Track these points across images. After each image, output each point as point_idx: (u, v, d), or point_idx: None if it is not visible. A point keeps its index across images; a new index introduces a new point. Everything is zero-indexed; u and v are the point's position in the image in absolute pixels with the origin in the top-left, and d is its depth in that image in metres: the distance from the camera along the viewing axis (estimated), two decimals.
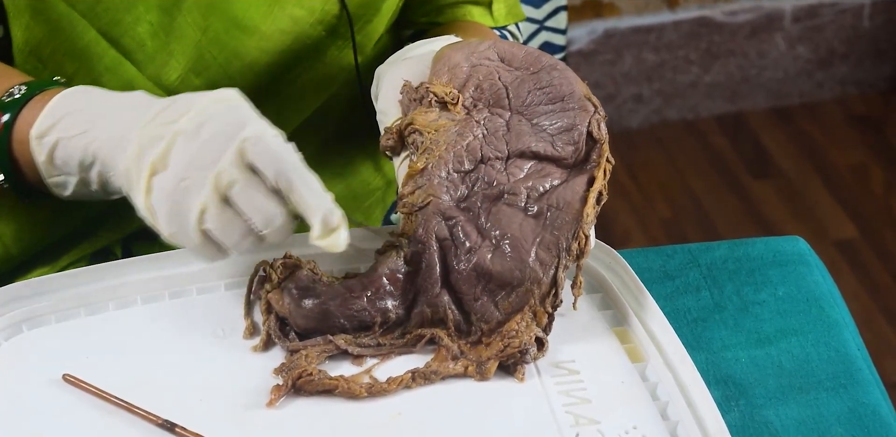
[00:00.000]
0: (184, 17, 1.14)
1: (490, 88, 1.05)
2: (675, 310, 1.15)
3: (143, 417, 0.97)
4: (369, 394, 0.99)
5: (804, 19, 2.63)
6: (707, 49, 2.62)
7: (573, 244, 1.02)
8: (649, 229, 2.45)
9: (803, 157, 2.59)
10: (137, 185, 0.98)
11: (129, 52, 1.15)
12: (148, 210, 0.98)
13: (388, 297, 1.02)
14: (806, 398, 1.07)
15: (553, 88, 1.05)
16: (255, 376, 1.00)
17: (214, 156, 0.96)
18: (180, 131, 0.97)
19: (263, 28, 1.16)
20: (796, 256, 1.21)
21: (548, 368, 1.01)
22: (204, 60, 1.16)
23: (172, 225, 0.97)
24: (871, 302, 2.30)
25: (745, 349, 1.12)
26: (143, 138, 0.98)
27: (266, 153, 0.96)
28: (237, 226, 0.96)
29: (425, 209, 1.03)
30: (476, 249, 1.02)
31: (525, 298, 1.01)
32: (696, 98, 2.67)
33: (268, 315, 1.03)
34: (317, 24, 1.18)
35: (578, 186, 1.03)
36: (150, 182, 0.97)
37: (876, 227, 2.44)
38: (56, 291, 1.06)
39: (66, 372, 1.00)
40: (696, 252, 1.21)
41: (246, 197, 0.96)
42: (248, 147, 0.96)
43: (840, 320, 1.16)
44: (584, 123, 1.04)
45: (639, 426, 0.97)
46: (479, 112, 1.05)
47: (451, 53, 1.07)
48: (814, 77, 2.70)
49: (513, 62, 1.06)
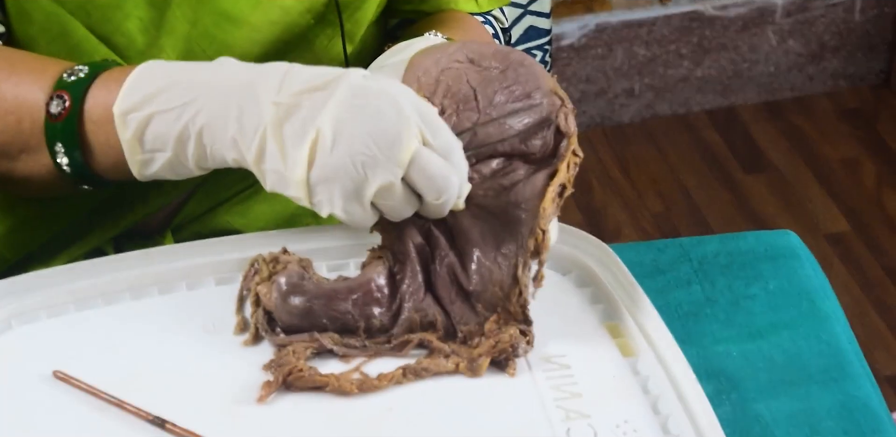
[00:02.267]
0: (173, 11, 1.14)
1: (459, 92, 1.05)
2: (666, 304, 1.15)
3: (134, 413, 0.97)
4: (360, 391, 0.99)
5: (795, 13, 2.63)
6: (698, 43, 2.62)
7: (530, 241, 1.01)
8: (641, 224, 2.45)
9: (795, 151, 2.59)
10: (295, 157, 0.96)
11: (120, 49, 1.14)
12: (301, 184, 0.97)
13: (374, 304, 1.02)
14: (797, 392, 1.08)
15: (519, 86, 1.04)
16: (246, 371, 1.00)
17: (395, 132, 0.95)
18: (342, 103, 0.96)
19: (253, 19, 1.16)
20: (788, 250, 1.21)
21: (538, 362, 1.01)
22: (194, 54, 1.16)
23: (339, 200, 0.97)
24: (863, 295, 2.31)
25: (736, 343, 1.12)
26: (279, 109, 0.96)
27: (438, 129, 0.97)
28: (412, 200, 0.98)
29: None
30: (445, 254, 1.02)
31: (493, 300, 1.01)
32: (688, 92, 2.67)
33: (256, 308, 1.03)
34: (305, 13, 1.18)
35: (539, 181, 1.03)
36: (313, 154, 0.96)
37: (867, 220, 2.45)
38: (46, 287, 1.06)
39: (56, 369, 1.00)
40: (687, 246, 1.21)
41: (422, 174, 0.96)
42: (422, 128, 0.96)
43: (831, 313, 1.16)
44: (551, 116, 1.03)
45: (630, 420, 0.97)
46: (447, 119, 1.05)
47: (421, 60, 1.06)
48: (805, 71, 2.70)
49: (482, 62, 1.06)
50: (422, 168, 0.96)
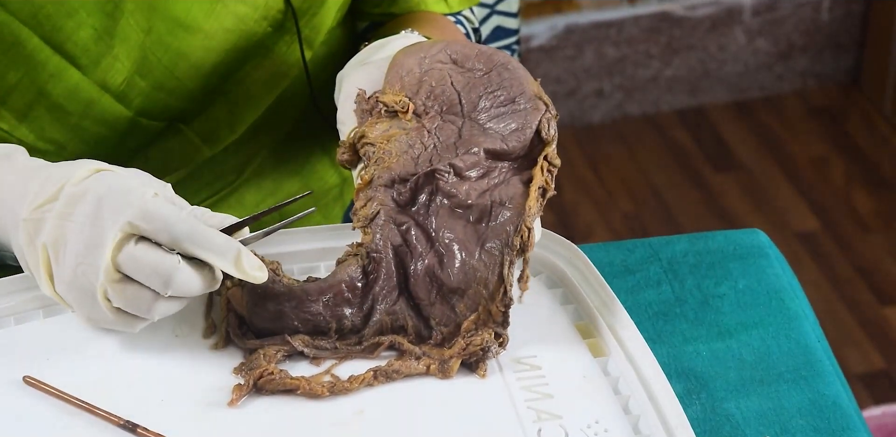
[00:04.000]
0: (126, 19, 1.13)
1: (442, 94, 1.05)
2: (636, 304, 1.15)
3: (105, 418, 0.97)
4: (331, 393, 0.99)
5: (763, 13, 2.64)
6: (667, 43, 2.63)
7: (515, 239, 1.01)
8: (611, 224, 2.46)
9: (764, 149, 2.60)
10: (37, 275, 0.99)
11: (74, 58, 1.14)
12: (55, 297, 1.00)
13: (345, 304, 1.02)
14: (767, 391, 1.08)
15: (504, 91, 1.05)
16: (216, 375, 1.00)
17: (99, 237, 0.96)
18: (61, 215, 0.97)
19: (207, 27, 1.15)
20: (756, 248, 1.22)
21: (509, 364, 1.02)
22: (149, 62, 1.15)
23: (84, 310, 0.99)
24: (833, 293, 2.31)
25: (706, 343, 1.12)
26: (28, 225, 0.99)
27: (152, 223, 0.96)
28: (144, 296, 0.97)
29: (377, 219, 1.02)
30: (426, 254, 1.02)
31: (476, 298, 1.01)
32: (657, 92, 2.67)
33: (227, 312, 1.03)
34: (261, 20, 1.17)
35: (522, 181, 1.03)
36: (49, 271, 0.98)
37: (837, 218, 2.46)
38: (14, 293, 1.06)
39: (26, 374, 1.00)
40: (656, 246, 1.21)
41: (136, 266, 0.96)
42: (132, 223, 0.96)
43: (800, 312, 1.16)
44: (535, 121, 1.04)
45: (601, 420, 0.97)
46: (431, 120, 1.05)
47: (404, 59, 1.06)
48: (774, 70, 2.71)
49: (465, 63, 1.06)
50: (136, 260, 0.96)
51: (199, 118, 1.21)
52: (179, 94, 1.18)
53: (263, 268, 0.98)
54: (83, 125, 1.17)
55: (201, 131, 1.22)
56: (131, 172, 1.01)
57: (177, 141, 1.21)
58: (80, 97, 1.15)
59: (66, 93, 1.14)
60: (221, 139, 1.23)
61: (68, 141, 1.17)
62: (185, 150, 1.22)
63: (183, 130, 1.21)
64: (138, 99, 1.17)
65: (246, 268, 0.97)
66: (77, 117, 1.16)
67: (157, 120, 1.19)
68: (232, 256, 0.97)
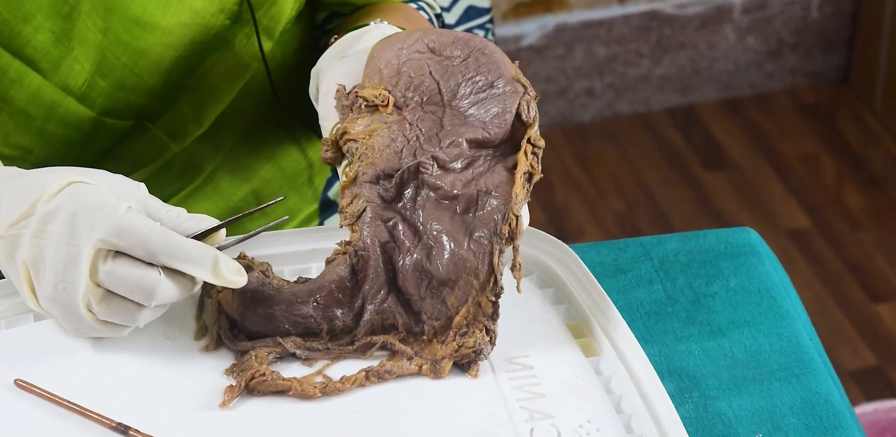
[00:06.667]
0: (83, 21, 1.13)
1: (422, 85, 1.05)
2: (627, 304, 1.15)
3: (97, 420, 0.96)
4: (323, 394, 0.99)
5: (753, 11, 2.64)
6: (658, 42, 2.63)
7: (503, 227, 1.01)
8: (603, 223, 2.46)
9: (755, 148, 2.60)
10: (21, 290, 1.00)
11: (34, 62, 1.13)
12: (41, 311, 1.00)
13: (336, 305, 1.01)
14: (759, 389, 1.08)
15: (482, 76, 1.04)
16: (208, 377, 1.00)
17: (76, 256, 0.96)
18: (36, 234, 0.98)
19: (164, 23, 1.15)
20: (747, 247, 1.22)
21: (501, 364, 1.02)
22: (108, 62, 1.15)
23: (70, 324, 0.99)
24: (824, 290, 2.32)
25: (697, 342, 1.12)
26: (5, 242, 0.99)
27: (126, 239, 0.96)
28: (128, 308, 0.98)
29: (364, 216, 1.02)
30: (414, 249, 1.02)
31: (467, 289, 1.01)
32: (648, 91, 2.68)
33: (218, 315, 1.03)
34: (218, 13, 1.17)
35: (506, 168, 1.03)
36: (32, 287, 0.99)
37: (827, 216, 2.46)
38: (4, 297, 1.06)
39: (17, 377, 0.99)
40: (647, 245, 1.22)
41: (117, 282, 0.96)
42: (106, 240, 0.96)
43: (792, 310, 1.16)
44: (514, 105, 1.03)
45: (593, 419, 0.98)
46: (412, 112, 1.04)
47: (381, 51, 1.06)
48: (764, 68, 2.71)
49: (443, 51, 1.05)
50: (116, 277, 0.97)
51: (165, 115, 1.21)
52: (142, 91, 1.18)
53: (242, 271, 0.99)
54: (47, 129, 1.17)
55: (167, 128, 1.22)
56: (103, 178, 1.01)
57: (144, 139, 1.22)
58: (42, 101, 1.15)
59: (28, 97, 1.14)
60: (189, 134, 1.23)
61: (34, 145, 1.17)
62: (153, 147, 1.22)
63: (150, 128, 1.21)
64: (100, 99, 1.17)
65: (224, 274, 0.98)
66: (41, 121, 1.16)
67: (121, 119, 1.19)
68: (209, 264, 0.97)
